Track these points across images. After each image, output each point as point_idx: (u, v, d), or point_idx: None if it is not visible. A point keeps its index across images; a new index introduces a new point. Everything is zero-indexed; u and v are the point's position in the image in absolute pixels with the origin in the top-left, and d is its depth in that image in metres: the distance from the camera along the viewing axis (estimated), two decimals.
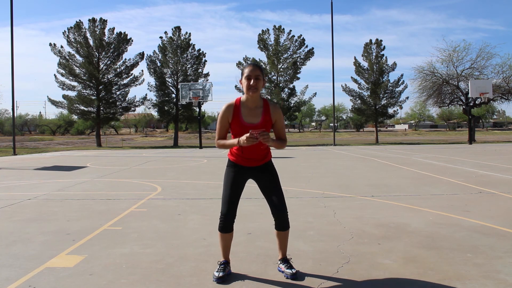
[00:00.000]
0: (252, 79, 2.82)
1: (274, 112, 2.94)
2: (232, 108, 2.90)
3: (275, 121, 2.96)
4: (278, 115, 2.95)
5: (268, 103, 2.95)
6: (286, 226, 3.00)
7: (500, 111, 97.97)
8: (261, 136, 2.67)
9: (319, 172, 10.42)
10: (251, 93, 2.83)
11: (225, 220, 2.95)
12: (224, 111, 2.91)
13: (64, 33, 33.97)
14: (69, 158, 17.94)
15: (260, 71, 2.85)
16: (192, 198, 6.51)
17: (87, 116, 35.40)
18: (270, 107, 2.94)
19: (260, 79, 2.84)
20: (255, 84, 2.82)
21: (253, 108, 2.91)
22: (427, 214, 5.03)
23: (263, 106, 2.93)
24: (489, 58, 33.71)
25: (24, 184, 8.61)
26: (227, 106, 2.91)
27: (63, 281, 2.90)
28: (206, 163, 14.16)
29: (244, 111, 2.90)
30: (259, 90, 2.87)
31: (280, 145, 2.95)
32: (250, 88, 2.82)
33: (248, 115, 2.89)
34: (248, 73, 2.83)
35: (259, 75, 2.84)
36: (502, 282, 2.77)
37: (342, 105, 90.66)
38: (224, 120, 2.92)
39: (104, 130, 72.12)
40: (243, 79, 2.86)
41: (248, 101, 2.90)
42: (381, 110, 37.53)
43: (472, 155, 16.11)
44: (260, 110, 2.91)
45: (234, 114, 2.89)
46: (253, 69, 2.84)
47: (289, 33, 35.60)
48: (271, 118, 2.92)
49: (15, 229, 4.50)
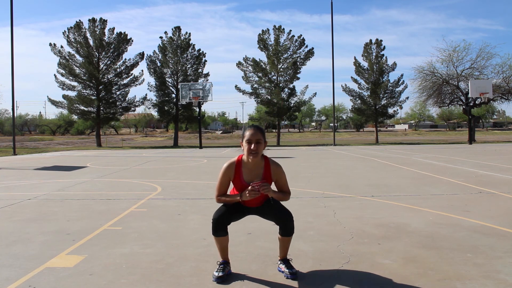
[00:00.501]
0: (253, 144, 2.83)
1: (275, 172, 2.95)
2: (234, 167, 2.93)
3: (275, 180, 2.98)
4: (279, 175, 2.96)
5: (269, 163, 2.96)
6: (291, 232, 2.98)
7: (500, 111, 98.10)
8: (262, 188, 2.75)
9: (319, 172, 10.42)
10: (252, 158, 2.85)
11: (215, 225, 2.92)
12: (226, 170, 2.93)
13: (64, 33, 34.02)
14: (69, 158, 17.94)
15: (261, 134, 2.87)
16: (192, 198, 6.51)
17: (87, 116, 35.42)
18: (271, 167, 2.95)
19: (261, 142, 2.85)
20: (255, 149, 2.83)
21: (254, 168, 2.93)
22: (427, 214, 5.02)
23: (264, 166, 2.94)
24: (489, 58, 33.80)
25: (24, 184, 8.61)
26: (229, 165, 2.94)
27: (63, 281, 2.90)
28: (206, 163, 14.16)
29: (245, 171, 2.93)
30: (260, 154, 2.88)
31: (283, 197, 2.96)
32: (250, 153, 2.83)
33: (249, 174, 2.92)
34: (249, 137, 2.84)
35: (260, 139, 2.85)
36: (502, 282, 2.77)
37: (342, 105, 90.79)
38: (226, 178, 2.95)
39: (104, 130, 72.13)
40: (244, 142, 2.87)
41: (249, 162, 2.92)
42: (381, 110, 37.56)
43: (472, 155, 16.11)
44: (261, 170, 2.93)
45: (235, 173, 2.93)
46: (254, 133, 2.85)
47: (289, 33, 35.61)
48: (271, 177, 2.95)
49: (15, 229, 4.50)
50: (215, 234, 2.96)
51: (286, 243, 3.03)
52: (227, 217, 2.94)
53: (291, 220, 2.94)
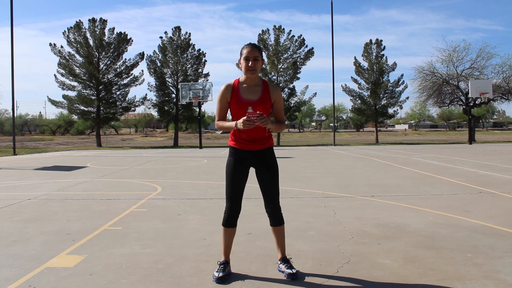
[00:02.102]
0: (250, 61, 2.82)
1: (274, 91, 2.94)
2: (231, 87, 2.91)
3: (274, 101, 2.95)
4: (277, 95, 2.95)
5: (267, 83, 2.97)
6: (280, 221, 3.02)
7: (500, 111, 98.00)
8: (259, 120, 2.64)
9: (319, 172, 10.42)
10: (250, 75, 2.85)
11: (230, 214, 2.97)
12: (223, 90, 2.92)
13: (64, 33, 33.99)
14: (69, 158, 17.94)
15: (258, 51, 2.85)
16: (192, 198, 6.51)
17: (87, 116, 35.40)
18: (270, 87, 2.95)
19: (259, 60, 2.85)
20: (253, 65, 2.82)
21: (252, 86, 2.92)
22: (427, 214, 5.02)
23: (262, 85, 2.94)
24: (489, 58, 33.75)
25: (24, 184, 8.61)
26: (226, 86, 2.93)
27: (63, 281, 2.90)
28: (206, 163, 14.16)
29: (242, 89, 2.91)
30: (258, 71, 2.88)
31: (279, 127, 2.93)
32: (248, 69, 2.83)
33: (247, 92, 2.90)
34: (247, 54, 2.83)
35: (257, 56, 2.84)
36: (502, 282, 2.77)
37: (342, 105, 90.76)
38: (223, 100, 2.92)
39: (104, 130, 72.10)
40: (242, 60, 2.86)
41: (247, 80, 2.91)
42: (381, 110, 37.54)
43: (472, 155, 16.11)
44: (259, 88, 2.92)
45: (233, 92, 2.90)
46: (251, 50, 2.83)
47: (289, 33, 35.59)
48: (270, 96, 2.92)
49: (15, 229, 4.50)
50: (226, 225, 2.98)
51: (279, 235, 3.04)
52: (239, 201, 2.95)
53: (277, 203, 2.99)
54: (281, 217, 3.04)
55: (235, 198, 2.97)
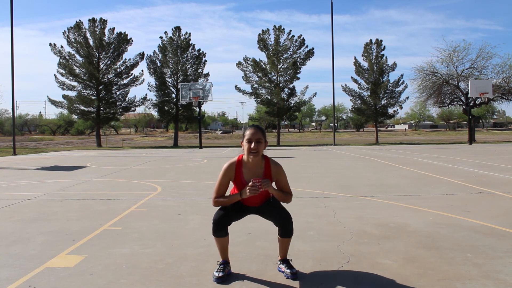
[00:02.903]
0: (253, 143, 2.81)
1: (275, 171, 2.94)
2: (234, 167, 2.92)
3: (276, 181, 2.96)
4: (279, 175, 2.95)
5: (269, 162, 2.95)
6: (290, 234, 2.98)
7: (500, 111, 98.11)
8: (262, 184, 2.72)
9: (319, 172, 10.41)
10: (252, 157, 2.84)
11: (215, 226, 2.93)
12: (226, 170, 2.91)
13: (64, 33, 34.02)
14: (69, 158, 17.94)
15: (261, 134, 2.85)
16: (192, 198, 6.50)
17: (87, 116, 35.41)
18: (271, 167, 2.94)
19: (262, 142, 2.84)
20: (256, 148, 2.82)
21: (254, 168, 2.91)
22: (427, 214, 5.02)
23: (265, 166, 2.93)
24: (489, 58, 33.79)
25: (24, 184, 8.61)
26: (229, 165, 2.92)
27: (63, 281, 2.90)
28: (206, 163, 14.16)
29: (245, 171, 2.92)
30: (260, 153, 2.87)
31: (284, 197, 2.92)
32: (251, 152, 2.82)
33: (249, 174, 2.90)
34: (249, 136, 2.83)
35: (260, 138, 2.83)
36: (502, 282, 2.77)
37: (342, 105, 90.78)
38: (226, 179, 2.93)
39: (104, 130, 72.13)
40: (244, 141, 2.86)
41: (249, 162, 2.90)
42: (381, 110, 37.56)
43: (472, 155, 16.11)
44: (261, 170, 2.92)
45: (236, 173, 2.92)
46: (254, 132, 2.84)
47: (289, 33, 35.60)
48: (271, 176, 2.93)
49: (15, 229, 4.50)
50: (216, 235, 2.95)
51: (285, 244, 3.03)
52: (227, 218, 2.93)
53: (290, 222, 2.93)
54: (292, 230, 2.98)
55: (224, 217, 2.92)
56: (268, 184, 2.74)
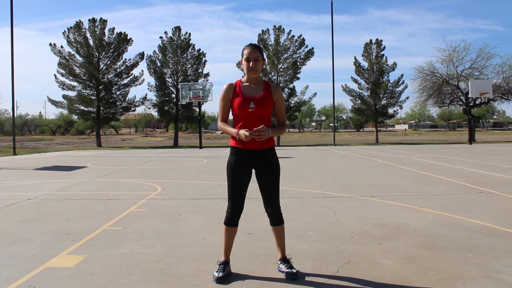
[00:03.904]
0: (251, 61, 2.86)
1: (275, 91, 2.98)
2: (233, 86, 2.96)
3: (276, 100, 2.98)
4: (279, 95, 2.99)
5: (269, 83, 3.01)
6: (280, 221, 3.03)
7: (500, 111, 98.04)
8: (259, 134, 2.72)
9: (319, 172, 10.42)
10: (251, 75, 2.89)
11: (231, 213, 2.98)
12: (225, 89, 2.96)
13: (64, 33, 34.00)
14: (69, 158, 17.94)
15: (259, 52, 2.89)
16: (192, 198, 6.51)
17: (87, 116, 35.40)
18: (271, 86, 2.99)
19: (260, 60, 2.88)
20: (254, 66, 2.87)
21: (254, 85, 2.96)
22: (427, 214, 5.03)
23: (264, 84, 2.98)
24: (489, 58, 33.74)
25: (24, 184, 8.61)
26: (228, 84, 2.97)
27: (63, 281, 2.90)
28: (206, 163, 14.16)
29: (245, 87, 2.95)
30: (259, 71, 2.92)
31: (280, 130, 2.97)
32: (250, 69, 2.87)
33: (249, 89, 2.94)
34: (247, 55, 2.87)
35: (258, 56, 2.88)
36: (502, 282, 2.77)
37: (342, 105, 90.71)
38: (226, 98, 2.96)
39: (104, 130, 72.08)
40: (243, 60, 2.91)
41: (249, 80, 2.96)
42: (381, 110, 37.55)
43: (472, 155, 16.11)
44: (261, 86, 2.96)
45: (235, 90, 2.94)
46: (252, 50, 2.87)
47: (289, 33, 35.59)
48: (272, 95, 2.95)
49: (15, 229, 4.50)
50: (228, 224, 2.99)
51: (279, 235, 3.04)
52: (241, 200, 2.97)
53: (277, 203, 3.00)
54: (281, 217, 3.05)
55: (237, 198, 2.98)
56: (266, 132, 2.74)
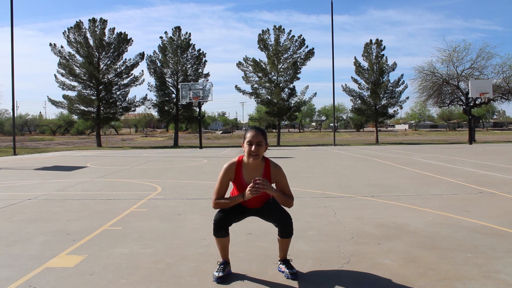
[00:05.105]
0: (253, 145, 2.80)
1: (275, 173, 2.92)
2: (234, 168, 2.91)
3: (276, 182, 2.95)
4: (279, 176, 2.93)
5: (269, 164, 2.94)
6: (290, 234, 2.97)
7: (500, 111, 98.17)
8: (263, 185, 2.69)
9: (319, 172, 10.41)
10: (252, 160, 2.83)
11: (216, 226, 2.92)
12: (226, 170, 2.91)
13: (64, 33, 34.02)
14: (69, 158, 17.94)
15: (262, 136, 2.84)
16: (192, 198, 6.50)
17: (87, 116, 35.42)
18: (271, 169, 2.93)
19: (262, 144, 2.83)
20: (256, 151, 2.81)
21: (254, 169, 2.91)
22: (427, 214, 5.02)
23: (264, 167, 2.92)
24: (489, 58, 33.79)
25: (24, 184, 8.61)
26: (229, 165, 2.92)
27: (63, 281, 2.90)
28: (206, 163, 14.16)
29: (245, 172, 2.91)
30: (260, 156, 2.85)
31: (285, 199, 2.88)
32: (251, 155, 2.81)
33: (249, 176, 2.89)
34: (250, 139, 2.81)
35: (261, 141, 2.82)
36: (502, 282, 2.77)
37: (342, 105, 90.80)
38: (226, 180, 2.93)
39: (104, 130, 72.09)
40: (245, 143, 2.85)
41: (249, 163, 2.89)
42: (381, 110, 37.56)
43: (472, 155, 16.11)
44: (261, 171, 2.91)
45: (236, 173, 2.91)
46: (255, 135, 2.82)
47: (289, 33, 35.61)
48: (271, 179, 2.91)
49: (15, 229, 4.50)
50: (216, 235, 2.95)
51: (285, 244, 3.03)
52: (228, 219, 2.93)
53: (290, 222, 2.92)
54: (291, 230, 2.96)
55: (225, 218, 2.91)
56: (268, 184, 2.72)
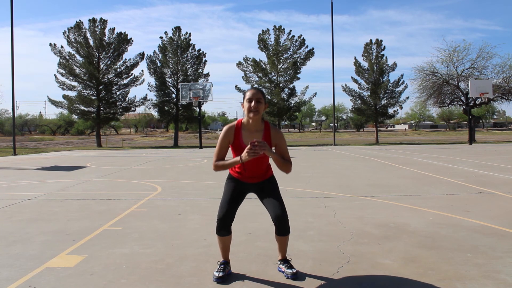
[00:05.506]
0: (253, 102, 2.83)
1: (275, 136, 2.93)
2: (233, 130, 2.91)
3: (275, 145, 2.95)
4: (279, 139, 2.93)
5: (269, 126, 2.95)
6: (287, 232, 2.98)
7: (500, 111, 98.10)
8: (261, 147, 2.65)
9: (319, 172, 10.41)
10: (252, 116, 2.84)
11: (220, 223, 2.93)
12: (225, 132, 2.92)
13: (64, 33, 33.99)
14: (69, 158, 17.94)
15: (261, 94, 2.87)
16: (192, 198, 6.51)
17: (87, 116, 35.40)
18: (271, 131, 2.93)
19: (262, 102, 2.85)
20: (256, 106, 2.82)
21: (254, 131, 2.91)
22: (427, 214, 5.03)
23: (264, 129, 2.93)
24: (489, 58, 33.73)
25: (24, 184, 8.61)
26: (228, 127, 2.93)
27: (63, 281, 2.90)
28: (206, 163, 14.15)
29: (244, 134, 2.91)
30: (260, 113, 2.86)
31: (283, 163, 2.89)
32: (251, 110, 2.83)
33: (248, 137, 2.89)
34: (250, 96, 2.84)
35: (260, 98, 2.84)
36: (502, 282, 2.77)
37: (342, 105, 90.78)
38: (225, 141, 2.92)
39: (104, 130, 72.09)
40: (245, 101, 2.87)
41: (249, 124, 2.90)
42: (381, 110, 37.54)
43: (472, 155, 16.11)
44: (260, 133, 2.91)
45: (235, 136, 2.91)
46: (255, 92, 2.86)
47: (289, 33, 35.60)
48: (271, 141, 2.92)
49: (15, 229, 4.50)
50: (219, 234, 2.96)
51: (283, 242, 3.03)
52: (231, 214, 2.93)
53: (285, 216, 2.92)
54: (288, 228, 2.97)
55: (228, 209, 2.94)
56: (266, 146, 2.70)
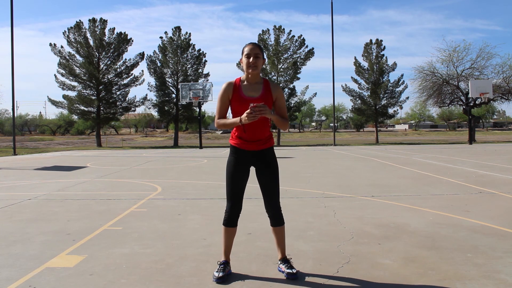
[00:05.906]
0: (251, 57, 2.87)
1: (275, 89, 2.98)
2: (232, 85, 2.95)
3: (275, 98, 2.98)
4: (279, 93, 2.98)
5: (268, 81, 3.01)
6: (281, 221, 3.03)
7: (500, 111, 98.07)
8: (261, 110, 2.67)
9: (319, 172, 10.41)
10: (251, 71, 2.88)
11: (230, 213, 2.98)
12: (225, 88, 2.95)
13: (64, 33, 33.99)
14: (69, 158, 17.94)
15: (259, 49, 2.91)
16: (192, 198, 6.51)
17: (87, 116, 35.40)
18: (271, 85, 2.99)
19: (260, 57, 2.89)
20: (254, 62, 2.87)
21: (253, 84, 2.95)
22: (427, 214, 5.02)
23: (263, 83, 2.98)
24: (489, 58, 33.75)
25: (24, 184, 8.61)
26: (227, 83, 2.96)
27: (63, 281, 2.90)
28: (206, 163, 14.16)
29: (244, 87, 2.94)
30: (259, 68, 2.91)
31: (283, 122, 2.95)
32: (249, 66, 2.87)
33: (248, 89, 2.93)
34: (248, 51, 2.88)
35: (258, 53, 2.89)
36: (502, 282, 2.77)
37: (342, 105, 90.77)
38: (225, 97, 2.95)
39: (104, 130, 72.05)
40: (243, 57, 2.92)
41: (248, 78, 2.95)
42: (381, 110, 37.55)
43: (472, 155, 16.11)
44: (260, 85, 2.96)
45: (234, 90, 2.93)
46: (253, 47, 2.89)
47: (289, 33, 35.58)
48: (271, 94, 2.95)
49: (15, 229, 4.50)
50: (227, 225, 2.99)
51: (280, 235, 3.05)
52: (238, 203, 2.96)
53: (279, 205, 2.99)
54: (282, 218, 3.05)
55: (236, 198, 2.98)
56: (266, 108, 2.72)
